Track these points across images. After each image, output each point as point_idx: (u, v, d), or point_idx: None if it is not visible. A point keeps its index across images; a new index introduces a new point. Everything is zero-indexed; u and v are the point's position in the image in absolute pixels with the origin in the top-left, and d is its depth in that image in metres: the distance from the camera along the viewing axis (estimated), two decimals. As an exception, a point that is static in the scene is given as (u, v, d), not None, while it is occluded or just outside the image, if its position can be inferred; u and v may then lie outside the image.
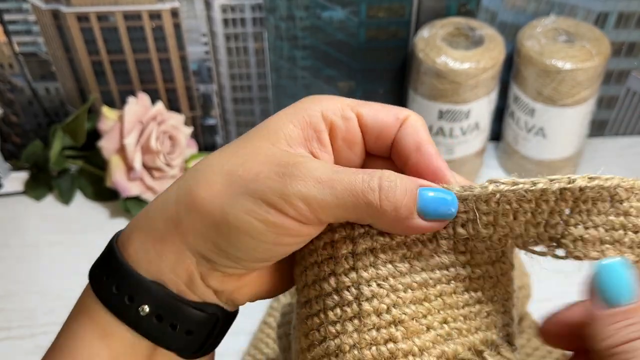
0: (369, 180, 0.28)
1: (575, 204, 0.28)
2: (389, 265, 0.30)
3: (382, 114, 0.32)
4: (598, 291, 0.26)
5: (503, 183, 0.29)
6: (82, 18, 0.74)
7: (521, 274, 0.57)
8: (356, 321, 0.29)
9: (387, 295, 0.29)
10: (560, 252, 0.29)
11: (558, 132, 0.74)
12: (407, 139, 0.31)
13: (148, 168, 0.76)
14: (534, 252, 0.30)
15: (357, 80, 0.81)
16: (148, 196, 0.77)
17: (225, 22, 0.76)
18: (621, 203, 0.28)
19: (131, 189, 0.75)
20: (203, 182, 0.30)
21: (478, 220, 0.29)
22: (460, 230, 0.30)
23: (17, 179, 0.82)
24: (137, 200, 0.77)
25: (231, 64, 0.80)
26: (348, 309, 0.29)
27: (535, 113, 0.74)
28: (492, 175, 0.81)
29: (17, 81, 0.79)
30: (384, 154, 0.33)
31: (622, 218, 0.28)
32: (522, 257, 0.56)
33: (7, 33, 0.75)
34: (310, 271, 0.31)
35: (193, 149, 0.82)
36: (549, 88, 0.71)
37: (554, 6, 0.75)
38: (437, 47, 0.70)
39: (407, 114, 0.32)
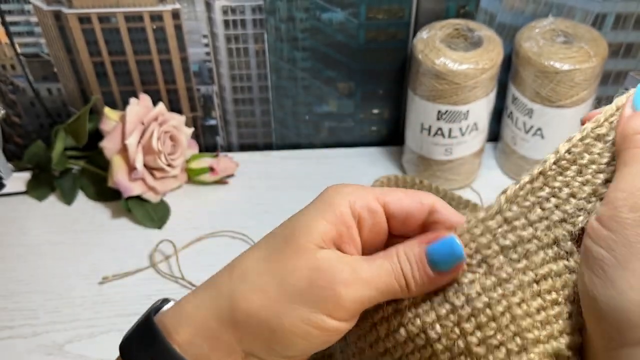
0: (395, 266, 0.33)
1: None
2: (446, 304, 0.32)
3: (406, 201, 0.34)
4: (635, 103, 0.32)
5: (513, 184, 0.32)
6: (84, 19, 0.74)
7: None
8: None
9: (452, 331, 0.32)
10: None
11: (556, 133, 0.75)
12: (439, 226, 0.35)
13: (149, 168, 0.77)
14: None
15: (356, 81, 0.82)
16: (149, 196, 0.77)
17: (226, 23, 0.76)
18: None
19: (133, 189, 0.75)
20: (257, 289, 0.32)
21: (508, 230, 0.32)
22: (503, 241, 0.32)
23: (19, 180, 0.82)
24: (139, 200, 0.77)
25: (232, 65, 0.80)
26: (424, 351, 0.32)
27: (534, 114, 0.74)
28: (491, 176, 0.82)
29: (19, 82, 0.79)
30: (408, 234, 0.35)
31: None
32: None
33: (9, 34, 0.75)
34: (381, 326, 0.34)
35: (194, 149, 0.83)
36: (547, 89, 0.71)
37: (552, 7, 0.75)
38: (436, 48, 0.71)
39: (432, 201, 0.35)
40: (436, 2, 0.75)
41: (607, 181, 0.31)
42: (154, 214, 0.77)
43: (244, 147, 0.89)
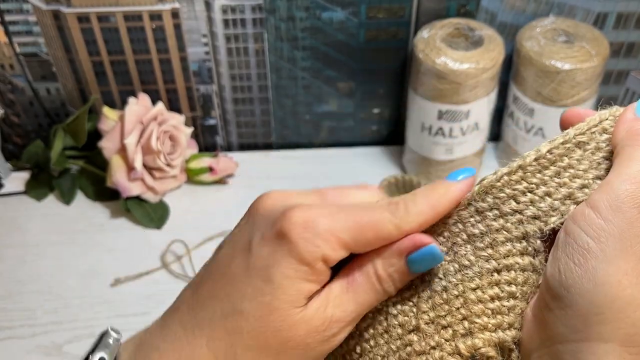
0: (378, 289, 0.32)
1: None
2: (411, 288, 0.33)
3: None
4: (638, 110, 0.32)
5: (492, 174, 0.33)
6: (83, 19, 0.74)
7: None
8: (386, 335, 0.33)
9: (411, 309, 0.33)
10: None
11: (557, 132, 0.74)
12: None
13: (149, 168, 0.77)
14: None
15: (356, 81, 0.82)
16: (149, 196, 0.77)
17: (226, 22, 0.76)
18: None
19: (132, 189, 0.75)
20: (219, 273, 0.33)
21: (482, 215, 0.32)
22: (472, 230, 0.33)
23: (18, 179, 0.82)
24: (138, 200, 0.77)
25: (231, 65, 0.80)
26: (379, 326, 0.34)
27: (535, 113, 0.74)
28: (492, 176, 0.81)
29: (18, 82, 0.79)
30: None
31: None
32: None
33: (8, 34, 0.75)
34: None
35: (193, 149, 0.83)
36: (548, 88, 0.71)
37: (553, 7, 0.75)
38: (437, 47, 0.70)
39: None
40: (437, 1, 0.75)
41: (584, 187, 0.31)
42: (153, 214, 0.77)
43: (243, 147, 0.89)
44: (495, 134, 0.84)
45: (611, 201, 0.28)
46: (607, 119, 0.33)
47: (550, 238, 0.31)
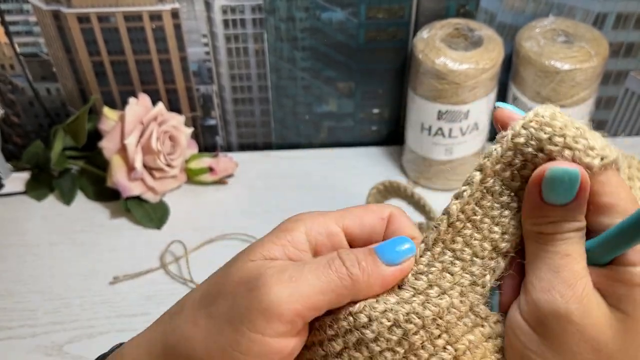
0: (331, 260, 0.30)
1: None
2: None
3: (367, 219, 0.33)
4: (544, 186, 0.28)
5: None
6: (83, 19, 0.74)
7: None
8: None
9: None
10: None
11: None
12: (397, 234, 0.33)
13: (149, 168, 0.77)
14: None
15: (356, 81, 0.82)
16: (149, 196, 0.77)
17: (226, 23, 0.76)
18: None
19: (132, 189, 0.75)
20: (188, 320, 0.30)
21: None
22: (423, 312, 0.30)
23: (18, 180, 0.82)
24: (138, 200, 0.77)
25: (231, 65, 0.80)
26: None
27: (534, 113, 0.74)
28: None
29: (18, 82, 0.79)
30: None
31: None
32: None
33: (8, 34, 0.75)
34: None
35: (193, 149, 0.83)
36: (548, 88, 0.71)
37: (553, 7, 0.75)
38: (437, 48, 0.71)
39: (390, 212, 0.33)
40: (436, 2, 0.75)
41: (504, 233, 0.30)
42: (153, 214, 0.77)
43: (243, 147, 0.89)
44: (495, 134, 0.84)
45: (537, 313, 0.28)
46: (514, 139, 0.30)
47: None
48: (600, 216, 0.28)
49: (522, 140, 0.30)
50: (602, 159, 0.28)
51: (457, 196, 0.31)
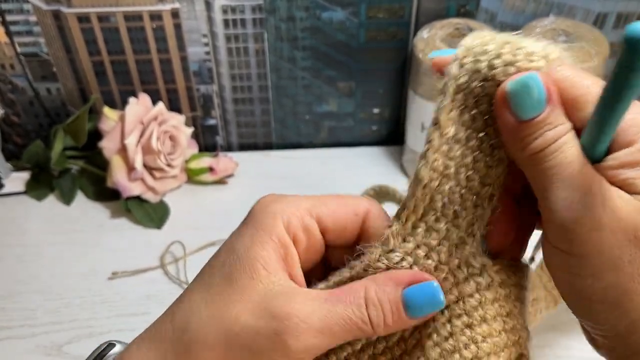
0: (359, 314, 0.29)
1: None
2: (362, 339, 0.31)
3: (341, 213, 0.32)
4: (512, 107, 0.27)
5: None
6: (83, 19, 0.74)
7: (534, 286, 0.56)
8: None
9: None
10: None
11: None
12: (376, 233, 0.32)
13: (149, 168, 0.77)
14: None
15: (357, 81, 0.82)
16: (149, 196, 0.77)
17: (226, 22, 0.76)
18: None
19: (132, 189, 0.75)
20: (201, 342, 0.30)
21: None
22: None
23: (18, 179, 0.82)
24: (138, 200, 0.77)
25: (231, 65, 0.80)
26: None
27: (535, 113, 0.74)
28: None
29: (19, 82, 0.79)
30: (346, 245, 0.33)
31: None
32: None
33: (9, 34, 0.75)
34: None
35: (194, 149, 0.83)
36: (548, 88, 0.71)
37: (553, 7, 0.75)
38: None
39: (366, 209, 0.33)
40: (437, 2, 0.75)
41: (483, 177, 0.30)
42: (153, 214, 0.77)
43: (243, 147, 0.89)
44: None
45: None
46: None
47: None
48: (576, 113, 0.27)
49: (464, 79, 0.29)
50: (546, 59, 0.28)
51: (422, 156, 0.30)
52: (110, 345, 0.35)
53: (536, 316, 0.57)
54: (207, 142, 0.88)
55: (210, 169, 0.81)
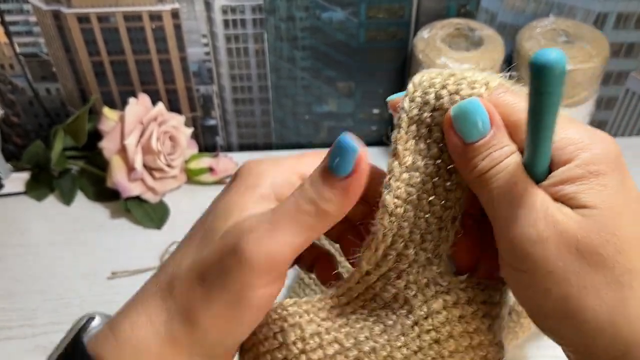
0: (302, 195, 0.30)
1: None
2: (336, 345, 0.32)
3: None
4: (458, 130, 0.29)
5: None
6: (83, 19, 0.74)
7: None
8: None
9: None
10: None
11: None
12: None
13: (149, 168, 0.77)
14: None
15: (356, 81, 0.82)
16: (149, 196, 0.77)
17: (226, 23, 0.76)
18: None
19: (132, 189, 0.75)
20: (180, 280, 0.32)
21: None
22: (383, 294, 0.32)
23: (18, 180, 0.82)
24: (138, 200, 0.77)
25: (231, 65, 0.80)
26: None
27: (535, 113, 0.74)
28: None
29: (18, 82, 0.79)
30: None
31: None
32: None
33: (8, 34, 0.75)
34: (263, 359, 0.33)
35: (193, 149, 0.83)
36: (548, 89, 0.71)
37: (553, 7, 0.75)
38: (437, 47, 0.70)
39: None
40: (437, 2, 0.75)
41: (444, 201, 0.31)
42: (153, 214, 0.77)
43: (243, 147, 0.89)
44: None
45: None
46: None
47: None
48: (519, 136, 0.29)
49: (415, 111, 0.31)
50: (487, 86, 0.29)
51: (386, 185, 0.32)
52: (91, 319, 0.35)
53: (530, 327, 0.58)
54: (207, 142, 0.88)
55: (210, 170, 0.81)
